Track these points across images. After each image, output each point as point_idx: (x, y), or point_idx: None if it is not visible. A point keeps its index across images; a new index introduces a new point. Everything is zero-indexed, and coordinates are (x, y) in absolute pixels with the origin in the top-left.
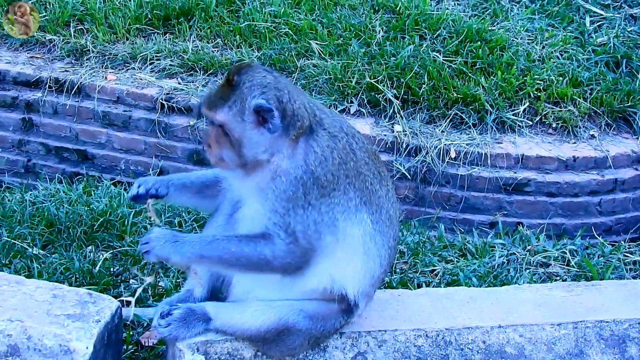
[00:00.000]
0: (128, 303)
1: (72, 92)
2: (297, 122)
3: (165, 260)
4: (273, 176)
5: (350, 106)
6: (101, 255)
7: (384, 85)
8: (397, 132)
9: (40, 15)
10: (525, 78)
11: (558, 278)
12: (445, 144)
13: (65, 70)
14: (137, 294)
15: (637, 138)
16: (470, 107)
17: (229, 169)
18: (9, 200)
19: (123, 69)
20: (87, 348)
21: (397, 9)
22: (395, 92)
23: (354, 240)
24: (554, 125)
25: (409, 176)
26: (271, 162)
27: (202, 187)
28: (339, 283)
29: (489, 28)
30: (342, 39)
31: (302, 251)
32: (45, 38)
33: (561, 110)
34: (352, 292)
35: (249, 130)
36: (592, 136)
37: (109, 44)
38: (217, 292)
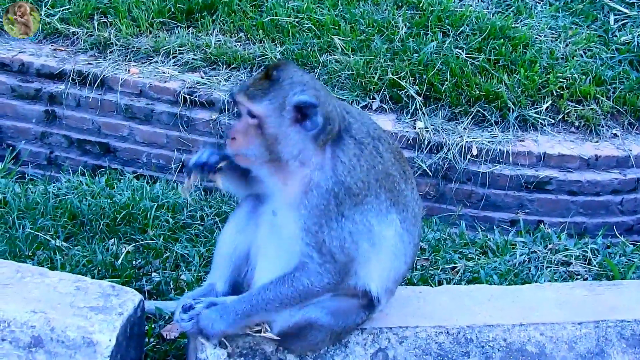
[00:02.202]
0: (150, 297)
1: (95, 85)
2: (328, 125)
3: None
4: (305, 189)
5: (372, 102)
6: (123, 248)
7: (406, 82)
8: (419, 128)
9: (64, 8)
10: (548, 76)
11: (579, 277)
12: (467, 141)
13: (89, 63)
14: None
15: None
16: (493, 105)
17: (249, 164)
18: (32, 192)
19: (146, 62)
20: (109, 340)
21: (421, 5)
22: (418, 88)
23: (385, 242)
24: (576, 123)
25: (430, 173)
26: (302, 172)
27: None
28: (364, 280)
29: (513, 25)
30: (365, 34)
31: (341, 266)
32: (68, 30)
33: (584, 109)
34: (376, 289)
35: (285, 126)
36: (615, 135)
37: (132, 37)
38: (238, 287)
